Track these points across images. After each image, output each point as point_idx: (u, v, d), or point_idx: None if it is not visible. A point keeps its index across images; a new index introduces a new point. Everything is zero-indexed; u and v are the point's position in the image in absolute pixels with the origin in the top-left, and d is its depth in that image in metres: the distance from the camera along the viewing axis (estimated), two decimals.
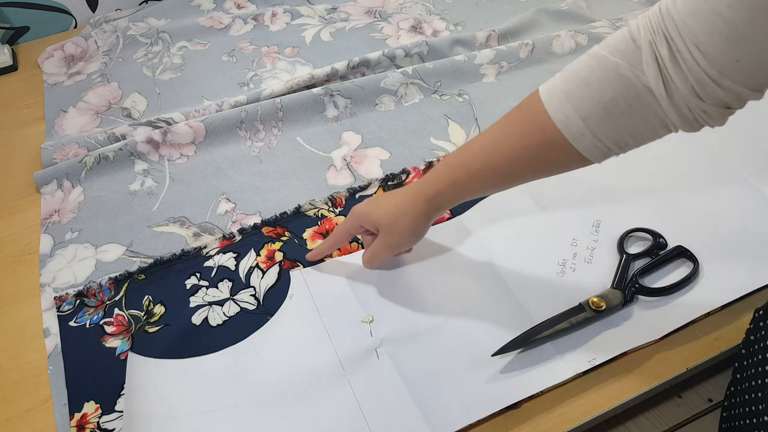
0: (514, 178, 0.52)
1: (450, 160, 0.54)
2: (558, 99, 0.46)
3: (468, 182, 0.52)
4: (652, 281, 0.59)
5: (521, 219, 0.66)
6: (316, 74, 0.84)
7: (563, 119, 0.45)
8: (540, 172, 0.51)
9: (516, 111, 0.50)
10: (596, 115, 0.44)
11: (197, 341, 0.56)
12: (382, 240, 0.57)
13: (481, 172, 0.51)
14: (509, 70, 0.87)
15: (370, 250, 0.58)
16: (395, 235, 0.56)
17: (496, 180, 0.52)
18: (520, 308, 0.57)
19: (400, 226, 0.55)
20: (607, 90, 0.43)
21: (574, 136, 0.46)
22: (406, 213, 0.55)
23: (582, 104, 0.45)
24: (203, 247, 0.65)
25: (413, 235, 0.57)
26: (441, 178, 0.54)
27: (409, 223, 0.55)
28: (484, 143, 0.51)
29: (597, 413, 0.51)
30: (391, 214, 0.55)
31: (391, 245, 0.57)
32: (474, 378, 0.52)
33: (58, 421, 0.52)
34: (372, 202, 0.58)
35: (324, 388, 0.52)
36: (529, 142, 0.48)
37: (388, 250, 0.57)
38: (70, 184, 0.73)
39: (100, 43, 0.96)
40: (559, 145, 0.47)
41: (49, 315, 0.60)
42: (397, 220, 0.55)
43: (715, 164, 0.70)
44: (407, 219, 0.55)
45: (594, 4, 1.01)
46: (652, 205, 0.66)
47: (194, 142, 0.77)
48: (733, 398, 0.52)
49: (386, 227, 0.56)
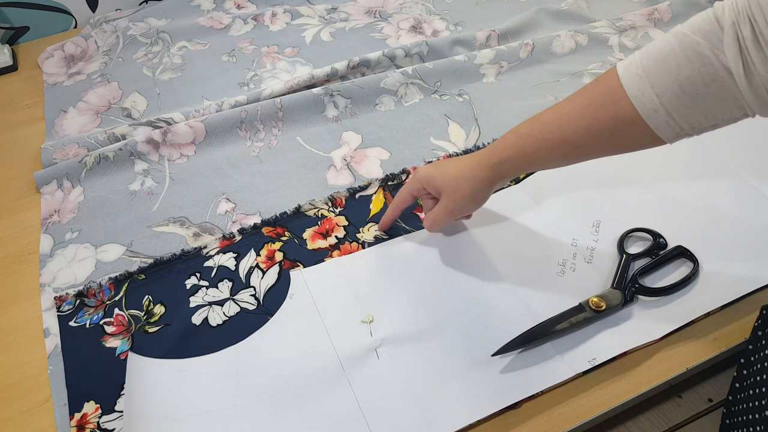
0: (583, 152, 0.52)
1: (519, 129, 0.54)
2: (634, 74, 0.46)
3: (535, 152, 0.52)
4: (652, 281, 0.59)
5: (521, 219, 0.66)
6: (316, 74, 0.84)
7: (638, 94, 0.45)
8: (609, 149, 0.51)
9: (591, 84, 0.50)
10: (672, 93, 0.44)
11: (197, 341, 0.56)
12: (444, 204, 0.57)
13: (549, 142, 0.51)
14: (509, 70, 0.87)
15: (432, 214, 0.59)
16: (457, 200, 0.56)
17: (564, 152, 0.51)
18: (520, 308, 0.57)
19: (462, 192, 0.56)
20: (685, 68, 0.43)
21: (647, 112, 0.45)
22: (469, 178, 0.55)
23: (658, 81, 0.44)
24: (203, 247, 0.65)
25: (474, 201, 0.57)
26: (508, 145, 0.54)
27: (472, 189, 0.55)
28: (555, 114, 0.51)
29: (597, 413, 0.51)
30: (454, 178, 0.56)
31: (452, 210, 0.57)
32: (474, 378, 0.52)
33: (58, 421, 0.52)
34: (437, 165, 0.58)
35: (324, 388, 0.52)
36: (602, 115, 0.48)
37: (448, 215, 0.58)
38: (70, 184, 0.73)
39: (100, 43, 0.96)
40: (631, 121, 0.46)
41: (49, 315, 0.60)
42: (460, 186, 0.55)
43: (715, 164, 0.70)
44: (470, 185, 0.55)
45: (594, 4, 1.01)
46: (652, 205, 0.66)
47: (194, 142, 0.77)
48: (737, 394, 0.52)
49: (448, 192, 0.56)
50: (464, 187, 0.55)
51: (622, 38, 0.92)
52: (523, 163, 0.54)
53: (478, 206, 0.58)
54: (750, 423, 0.49)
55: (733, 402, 0.53)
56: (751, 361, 0.52)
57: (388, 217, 0.64)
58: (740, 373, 0.53)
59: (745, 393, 0.51)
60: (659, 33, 0.93)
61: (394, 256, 0.62)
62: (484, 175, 0.55)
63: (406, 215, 0.67)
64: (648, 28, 0.94)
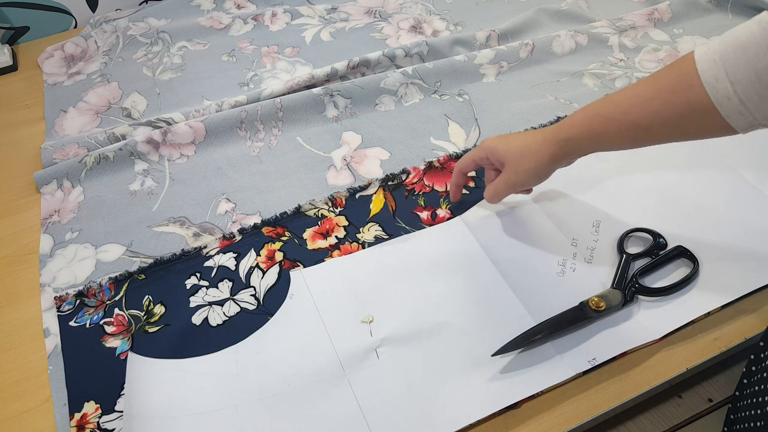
0: (651, 136, 0.51)
1: (588, 108, 0.53)
2: (711, 60, 0.45)
3: (603, 132, 0.52)
4: (652, 281, 0.59)
5: (521, 219, 0.66)
6: (316, 74, 0.84)
7: (712, 81, 0.45)
8: (677, 134, 0.50)
9: (666, 68, 0.49)
10: (747, 81, 0.43)
11: (197, 341, 0.56)
12: (505, 177, 0.58)
13: (617, 122, 0.51)
14: (509, 70, 0.87)
15: (493, 185, 0.59)
16: (519, 173, 0.56)
17: (631, 134, 0.51)
18: (520, 308, 0.57)
19: (525, 165, 0.56)
20: (765, 57, 0.42)
21: (719, 99, 0.45)
22: (533, 153, 0.55)
23: (735, 68, 0.44)
24: (203, 247, 0.65)
25: (536, 176, 0.57)
26: (576, 123, 0.53)
27: (535, 164, 0.56)
28: (626, 95, 0.51)
29: (597, 413, 0.51)
30: (519, 152, 0.56)
31: (514, 183, 0.58)
32: (474, 378, 0.52)
33: (58, 421, 0.52)
34: (502, 137, 0.59)
35: (324, 388, 0.52)
36: (673, 99, 0.47)
37: (509, 188, 0.58)
38: (70, 184, 0.73)
39: (100, 43, 0.96)
40: (702, 108, 0.46)
41: (49, 315, 0.60)
42: (523, 159, 0.56)
43: (715, 164, 0.70)
44: (533, 159, 0.55)
45: (594, 4, 1.02)
46: (652, 205, 0.66)
47: (194, 142, 0.77)
48: (745, 389, 0.52)
49: (511, 164, 0.57)
50: (528, 162, 0.56)
51: (622, 38, 0.92)
52: (590, 143, 0.54)
53: (539, 182, 0.59)
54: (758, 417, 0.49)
55: (740, 397, 0.53)
56: (761, 358, 0.52)
57: (453, 183, 0.65)
58: (749, 369, 0.53)
59: (755, 388, 0.51)
60: (659, 33, 0.93)
61: (394, 256, 0.62)
62: (548, 151, 0.55)
63: (406, 215, 0.67)
64: (648, 28, 0.94)
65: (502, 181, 0.58)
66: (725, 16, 0.97)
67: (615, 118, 0.51)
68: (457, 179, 0.65)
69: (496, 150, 0.58)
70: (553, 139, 0.55)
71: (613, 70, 0.86)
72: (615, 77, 0.85)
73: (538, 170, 0.56)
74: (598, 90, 0.83)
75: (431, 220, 0.67)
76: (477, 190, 0.69)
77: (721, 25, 0.94)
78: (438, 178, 0.71)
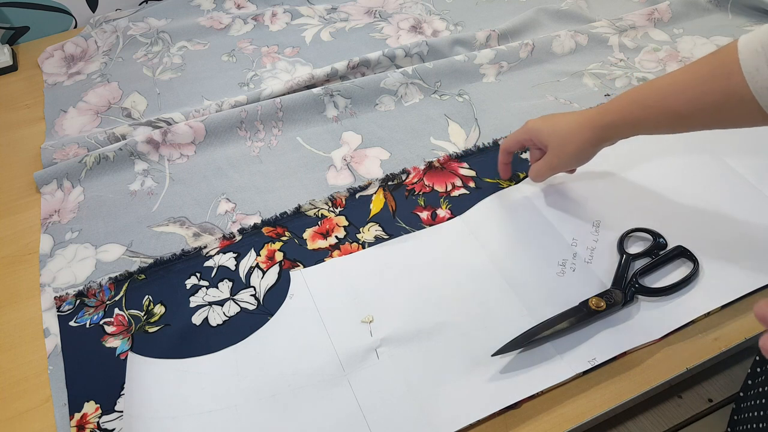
0: (687, 123, 0.52)
1: (630, 93, 0.55)
2: (753, 50, 0.45)
3: (641, 117, 0.53)
4: (652, 281, 0.59)
5: (521, 219, 0.66)
6: (316, 74, 0.84)
7: (752, 71, 0.45)
8: (714, 122, 0.50)
9: (708, 56, 0.50)
10: None
11: (197, 341, 0.56)
12: (548, 159, 0.60)
13: (655, 109, 0.52)
14: (509, 70, 0.87)
15: (536, 166, 0.62)
16: (561, 156, 0.59)
17: (669, 120, 0.52)
18: (520, 308, 0.57)
19: (567, 149, 0.58)
20: None
21: (759, 90, 0.44)
22: (575, 137, 0.57)
23: None
24: (203, 247, 0.65)
25: (578, 160, 0.60)
26: (616, 108, 0.55)
27: (576, 148, 0.57)
28: (667, 82, 0.52)
29: (597, 413, 0.51)
30: (561, 135, 0.58)
31: (556, 166, 0.60)
32: (474, 378, 0.52)
33: (58, 421, 0.52)
34: (546, 119, 0.61)
35: (324, 387, 0.52)
36: (711, 87, 0.48)
37: (551, 170, 0.61)
38: (70, 184, 0.73)
39: (100, 43, 0.96)
40: (740, 97, 0.46)
41: (49, 315, 0.60)
42: (565, 143, 0.57)
43: (715, 164, 0.70)
44: (575, 143, 0.57)
45: (594, 4, 1.02)
46: (652, 205, 0.66)
47: (194, 142, 0.77)
48: (749, 390, 0.52)
49: (554, 147, 0.59)
50: (569, 145, 0.57)
51: (622, 38, 0.92)
52: (629, 128, 0.55)
53: (581, 164, 0.61)
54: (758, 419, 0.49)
55: (744, 398, 0.53)
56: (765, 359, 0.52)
57: (501, 162, 0.68)
58: (753, 371, 0.53)
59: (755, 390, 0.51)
60: (659, 33, 0.93)
61: (394, 256, 0.62)
62: (589, 135, 0.56)
63: (406, 215, 0.67)
64: (648, 28, 0.94)
65: (545, 164, 0.61)
66: (725, 16, 0.97)
67: (654, 105, 0.52)
68: (503, 158, 0.68)
69: (540, 132, 0.60)
70: (594, 124, 0.56)
71: (613, 70, 0.86)
72: (615, 77, 0.85)
73: (579, 155, 0.59)
74: (598, 90, 0.83)
75: (431, 220, 0.67)
76: (477, 190, 0.69)
77: (721, 25, 0.94)
78: (438, 178, 0.71)
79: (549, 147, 0.60)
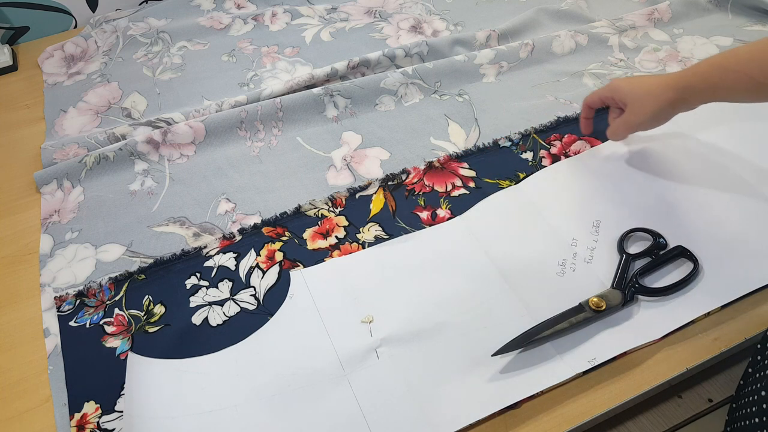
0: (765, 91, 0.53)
1: (712, 58, 0.56)
2: None
3: (720, 82, 0.54)
4: (652, 281, 0.59)
5: (521, 219, 0.66)
6: (316, 74, 0.84)
7: None
8: None
9: None
10: None
11: (197, 341, 0.56)
12: (625, 118, 0.61)
13: (735, 74, 0.53)
14: (509, 70, 0.87)
15: (614, 124, 0.64)
16: (638, 114, 0.60)
17: (747, 86, 0.53)
18: (520, 308, 0.57)
19: (645, 108, 0.59)
20: None
21: None
22: (654, 97, 0.58)
23: None
24: (203, 247, 0.65)
25: (655, 120, 0.61)
26: (697, 72, 0.56)
27: (653, 108, 0.59)
28: (750, 48, 0.53)
29: (597, 413, 0.51)
30: (640, 94, 0.59)
31: (633, 125, 0.62)
32: (474, 378, 0.52)
33: (58, 421, 0.52)
34: (630, 79, 0.62)
35: (324, 388, 0.52)
36: None
37: (628, 128, 0.62)
38: (70, 184, 0.73)
39: (100, 43, 0.96)
40: None
41: (49, 315, 0.60)
42: (644, 102, 0.59)
43: (715, 164, 0.70)
44: (653, 103, 0.58)
45: (594, 4, 1.01)
46: (652, 205, 0.66)
47: (194, 142, 0.77)
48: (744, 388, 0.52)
49: (633, 106, 0.60)
50: (647, 105, 0.59)
51: (622, 38, 0.92)
52: (707, 92, 0.56)
53: (658, 125, 0.62)
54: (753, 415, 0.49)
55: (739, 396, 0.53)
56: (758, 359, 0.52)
57: (583, 116, 0.70)
58: (746, 371, 0.53)
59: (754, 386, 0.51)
60: (659, 33, 0.93)
61: (394, 256, 0.62)
62: (667, 97, 0.57)
63: (406, 215, 0.67)
64: (648, 28, 0.94)
65: (622, 122, 0.62)
66: (725, 16, 0.97)
67: (733, 70, 0.53)
68: (585, 113, 0.69)
69: (620, 89, 0.61)
70: (673, 85, 0.57)
71: (613, 70, 0.86)
72: (615, 77, 0.85)
73: (656, 114, 0.59)
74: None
75: (431, 220, 0.67)
76: (477, 190, 0.69)
77: (721, 25, 0.94)
78: (438, 178, 0.71)
79: (628, 105, 0.61)
